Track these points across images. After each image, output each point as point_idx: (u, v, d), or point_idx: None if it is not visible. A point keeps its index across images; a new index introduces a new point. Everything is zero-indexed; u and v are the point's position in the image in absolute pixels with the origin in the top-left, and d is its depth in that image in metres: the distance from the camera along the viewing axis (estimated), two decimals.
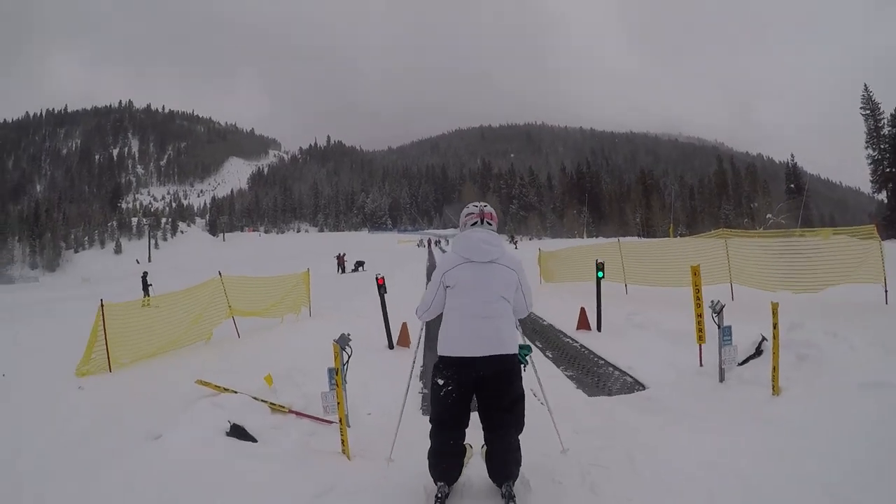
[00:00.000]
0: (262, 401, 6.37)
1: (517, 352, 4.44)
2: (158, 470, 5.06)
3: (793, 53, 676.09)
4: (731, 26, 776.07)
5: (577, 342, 11.66)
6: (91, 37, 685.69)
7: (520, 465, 4.42)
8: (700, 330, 8.10)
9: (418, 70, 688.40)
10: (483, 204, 4.76)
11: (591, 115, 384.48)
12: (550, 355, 10.65)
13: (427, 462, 4.42)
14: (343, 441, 5.50)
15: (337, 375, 5.64)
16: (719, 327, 7.19)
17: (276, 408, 6.37)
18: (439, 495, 4.34)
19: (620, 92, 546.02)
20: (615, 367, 9.38)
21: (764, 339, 7.41)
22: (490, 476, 4.44)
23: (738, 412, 6.05)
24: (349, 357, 6.38)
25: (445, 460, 4.38)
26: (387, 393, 7.91)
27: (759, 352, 7.38)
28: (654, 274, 16.31)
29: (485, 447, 4.53)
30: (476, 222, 4.62)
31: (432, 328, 4.99)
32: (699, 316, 8.10)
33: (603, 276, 13.01)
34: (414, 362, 6.24)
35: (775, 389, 6.22)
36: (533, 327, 13.65)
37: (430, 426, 4.45)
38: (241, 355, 11.06)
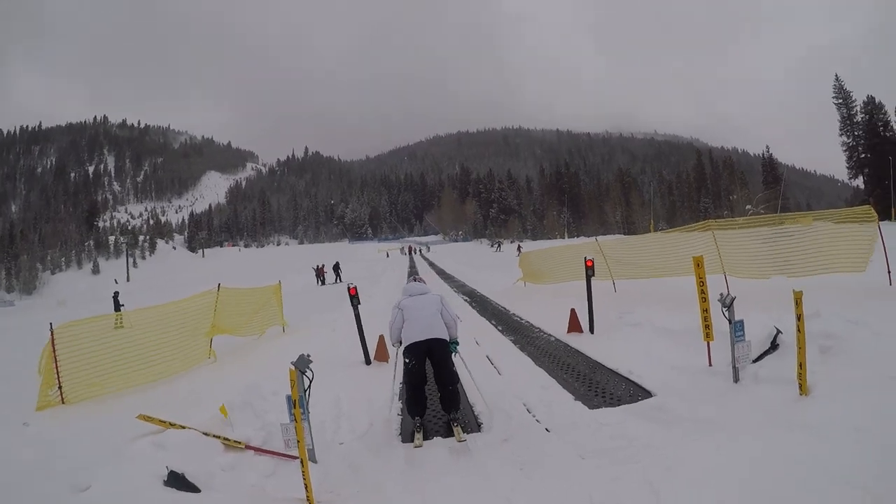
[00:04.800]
0: (215, 436, 5.60)
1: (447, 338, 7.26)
2: None
3: (760, 45, 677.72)
4: (697, 21, 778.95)
5: (570, 346, 10.78)
6: (63, 50, 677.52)
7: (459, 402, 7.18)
8: (707, 326, 7.40)
9: (388, 77, 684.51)
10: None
11: (567, 117, 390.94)
12: (543, 363, 9.77)
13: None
14: (306, 485, 4.72)
15: (295, 407, 4.88)
16: (730, 322, 6.56)
17: (230, 444, 5.61)
18: (417, 423, 6.94)
19: (594, 93, 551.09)
20: (615, 373, 8.47)
21: (779, 332, 6.79)
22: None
23: (765, 417, 5.35)
24: (311, 381, 5.69)
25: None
26: (362, 415, 7.40)
27: (774, 346, 6.83)
28: (642, 269, 15.61)
29: (439, 393, 7.17)
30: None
31: None
32: (705, 311, 7.41)
33: (593, 275, 12.20)
34: (394, 378, 5.66)
35: (803, 389, 5.54)
36: (523, 333, 12.96)
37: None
38: (202, 380, 10.17)
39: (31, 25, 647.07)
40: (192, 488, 4.95)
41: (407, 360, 7.14)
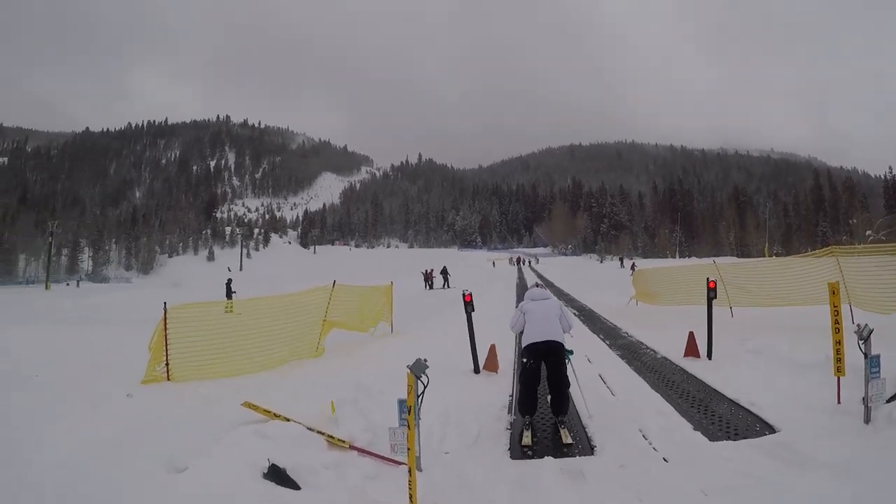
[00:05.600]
0: (319, 432, 5.63)
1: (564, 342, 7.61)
2: None
3: (875, 58, 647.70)
4: (809, 35, 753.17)
5: (686, 371, 10.37)
6: (190, 51, 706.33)
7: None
8: (839, 360, 6.98)
9: (501, 89, 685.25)
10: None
11: (681, 132, 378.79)
12: (658, 386, 9.43)
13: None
14: (411, 496, 4.62)
15: (409, 414, 4.83)
16: (866, 356, 6.19)
17: (334, 442, 5.64)
18: (526, 422, 7.28)
19: (708, 107, 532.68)
20: (735, 403, 8.05)
21: None
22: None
23: None
24: (425, 387, 5.57)
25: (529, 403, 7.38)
26: (470, 426, 7.27)
27: None
28: (759, 296, 15.13)
29: (549, 395, 7.45)
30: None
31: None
32: (838, 343, 6.98)
33: (715, 297, 11.66)
34: (503, 390, 5.54)
35: None
36: (637, 353, 12.64)
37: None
38: (309, 374, 10.26)
39: (162, 26, 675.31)
40: (293, 484, 4.96)
41: (525, 360, 7.46)
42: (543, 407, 7.79)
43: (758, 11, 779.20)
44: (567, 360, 7.62)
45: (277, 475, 4.95)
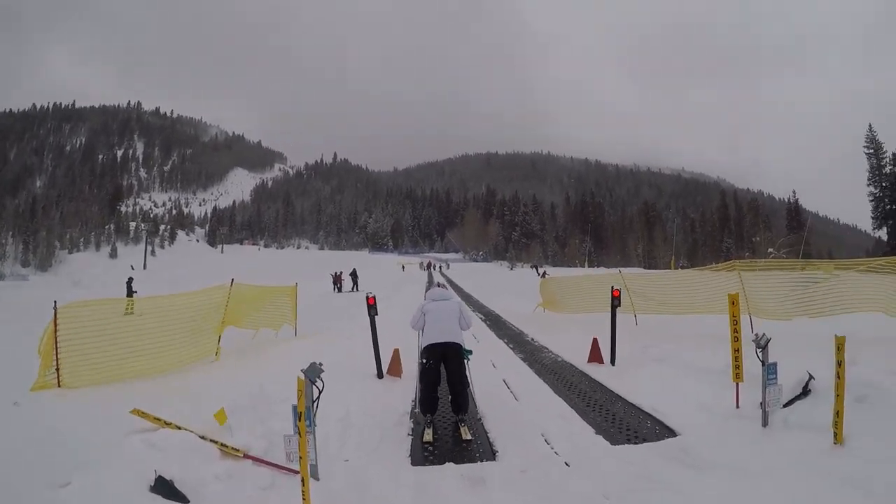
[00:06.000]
0: (212, 441, 5.37)
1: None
2: None
3: (790, 91, 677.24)
4: (730, 60, 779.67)
5: (590, 377, 10.41)
6: (102, 32, 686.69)
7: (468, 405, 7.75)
8: (738, 366, 7.16)
9: (420, 93, 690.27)
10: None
11: (596, 146, 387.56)
12: (561, 391, 9.43)
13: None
14: None
15: (300, 420, 4.63)
16: (763, 364, 6.32)
17: (228, 450, 5.38)
18: (428, 420, 7.45)
19: (625, 125, 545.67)
20: (637, 408, 8.12)
21: (811, 377, 6.57)
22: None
23: (798, 465, 5.13)
24: (321, 392, 5.40)
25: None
26: (371, 432, 7.13)
27: (805, 392, 6.57)
28: (664, 305, 15.43)
29: (451, 395, 7.68)
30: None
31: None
32: (737, 350, 7.17)
33: (619, 305, 11.88)
34: (406, 395, 5.44)
35: (838, 438, 5.31)
36: (541, 359, 12.68)
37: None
38: (207, 378, 9.84)
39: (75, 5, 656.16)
40: (181, 498, 4.70)
41: (424, 360, 7.76)
42: (445, 405, 8.01)
43: (679, 37, 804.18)
44: (466, 360, 7.88)
45: (164, 488, 4.68)
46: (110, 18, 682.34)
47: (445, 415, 8.01)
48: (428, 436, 7.12)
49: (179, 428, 5.51)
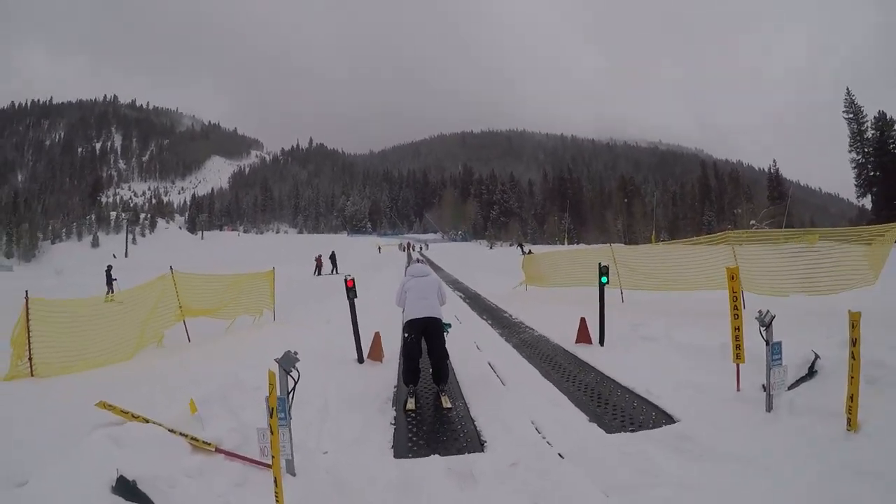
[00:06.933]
0: (182, 434, 4.94)
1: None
2: None
3: (767, 59, 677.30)
4: (700, 26, 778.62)
5: (579, 358, 9.99)
6: (77, 28, 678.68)
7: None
8: (738, 346, 6.71)
9: (394, 74, 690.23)
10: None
11: (570, 122, 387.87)
12: (550, 375, 9.01)
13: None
14: None
15: (272, 417, 4.17)
16: (768, 343, 5.88)
17: (198, 445, 4.94)
18: (410, 390, 7.98)
19: (597, 99, 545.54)
20: (631, 392, 7.72)
21: (817, 357, 6.21)
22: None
23: (810, 455, 4.77)
24: (296, 382, 4.93)
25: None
26: (351, 422, 6.78)
27: (811, 373, 6.21)
28: (656, 279, 15.06)
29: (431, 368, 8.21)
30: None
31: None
32: (737, 329, 6.70)
33: (607, 282, 11.51)
34: (389, 381, 5.08)
35: (853, 424, 4.91)
36: (527, 340, 12.27)
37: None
38: (180, 366, 9.57)
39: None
40: (144, 499, 4.20)
41: (406, 335, 8.24)
42: (427, 377, 8.54)
43: (650, 7, 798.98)
44: (445, 333, 8.42)
45: (126, 489, 4.18)
46: (72, 13, 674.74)
47: (427, 385, 8.50)
48: (411, 404, 7.70)
49: (147, 421, 5.07)
